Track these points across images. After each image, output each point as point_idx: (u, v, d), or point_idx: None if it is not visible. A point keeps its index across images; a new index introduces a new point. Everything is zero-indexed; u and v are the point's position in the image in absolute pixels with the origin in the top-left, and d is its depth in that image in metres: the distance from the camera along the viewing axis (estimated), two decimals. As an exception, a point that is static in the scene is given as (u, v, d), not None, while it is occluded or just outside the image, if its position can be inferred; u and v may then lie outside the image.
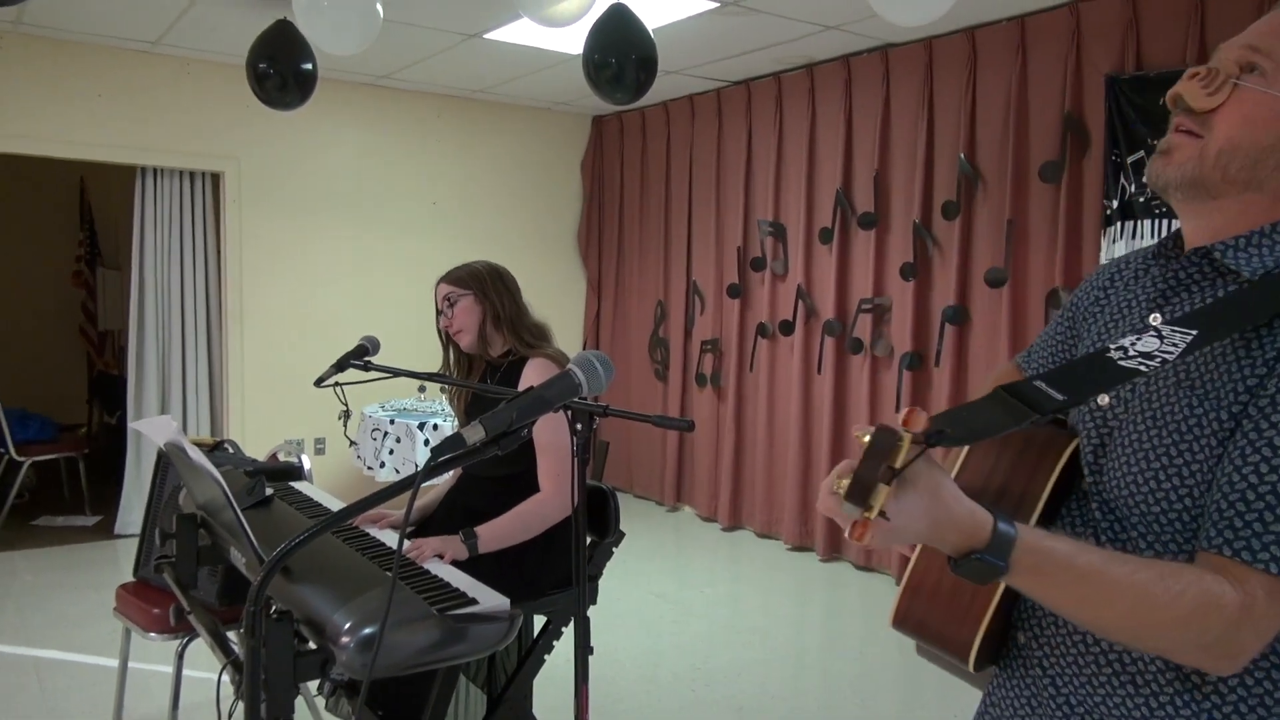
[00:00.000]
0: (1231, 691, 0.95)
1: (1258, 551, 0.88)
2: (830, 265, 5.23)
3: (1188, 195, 1.01)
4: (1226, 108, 0.97)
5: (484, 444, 1.17)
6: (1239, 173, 0.97)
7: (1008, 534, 0.87)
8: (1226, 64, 0.98)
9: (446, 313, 2.50)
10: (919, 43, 4.73)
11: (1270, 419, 0.90)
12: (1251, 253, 0.98)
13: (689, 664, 3.86)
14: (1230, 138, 0.96)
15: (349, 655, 1.56)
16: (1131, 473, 1.00)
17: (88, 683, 3.55)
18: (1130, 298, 1.13)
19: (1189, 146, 0.99)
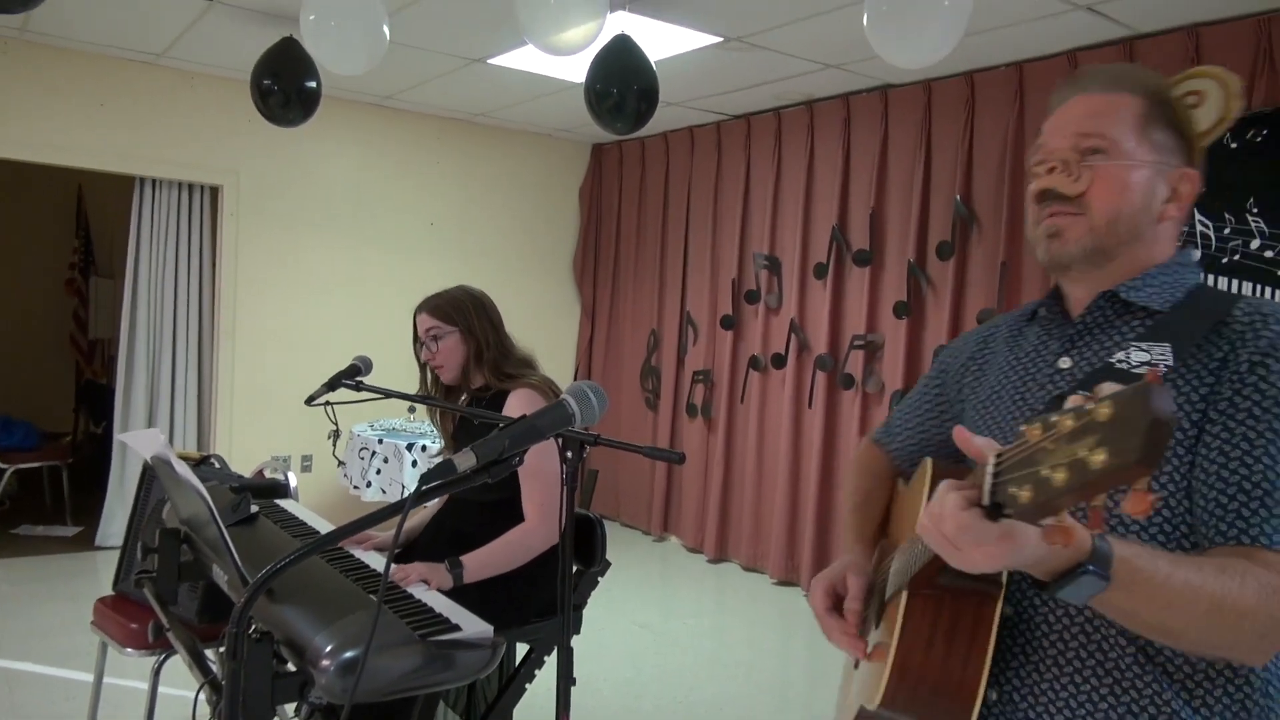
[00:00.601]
0: (1217, 701, 1.04)
1: (1272, 534, 0.97)
2: (824, 300, 5.25)
3: (1091, 263, 1.15)
4: (1095, 187, 1.13)
5: (475, 471, 1.16)
6: (1126, 233, 1.14)
7: (1106, 547, 0.88)
8: (1068, 154, 1.15)
9: (430, 346, 2.47)
10: (918, 84, 4.78)
11: (1235, 417, 1.01)
12: (1153, 289, 1.14)
13: (672, 697, 3.83)
14: (1111, 208, 1.13)
15: (329, 679, 1.54)
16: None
17: (60, 697, 3.50)
18: (1018, 355, 1.25)
19: (1077, 225, 1.14)
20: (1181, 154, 1.15)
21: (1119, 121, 1.13)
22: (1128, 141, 1.12)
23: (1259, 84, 3.53)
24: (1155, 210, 1.14)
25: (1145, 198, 1.13)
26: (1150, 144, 1.13)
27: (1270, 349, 1.03)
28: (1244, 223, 3.52)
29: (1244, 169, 3.51)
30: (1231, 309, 1.08)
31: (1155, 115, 1.14)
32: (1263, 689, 1.03)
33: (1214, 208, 3.59)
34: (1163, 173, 1.14)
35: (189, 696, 3.32)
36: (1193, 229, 3.64)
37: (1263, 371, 1.02)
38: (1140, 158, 1.12)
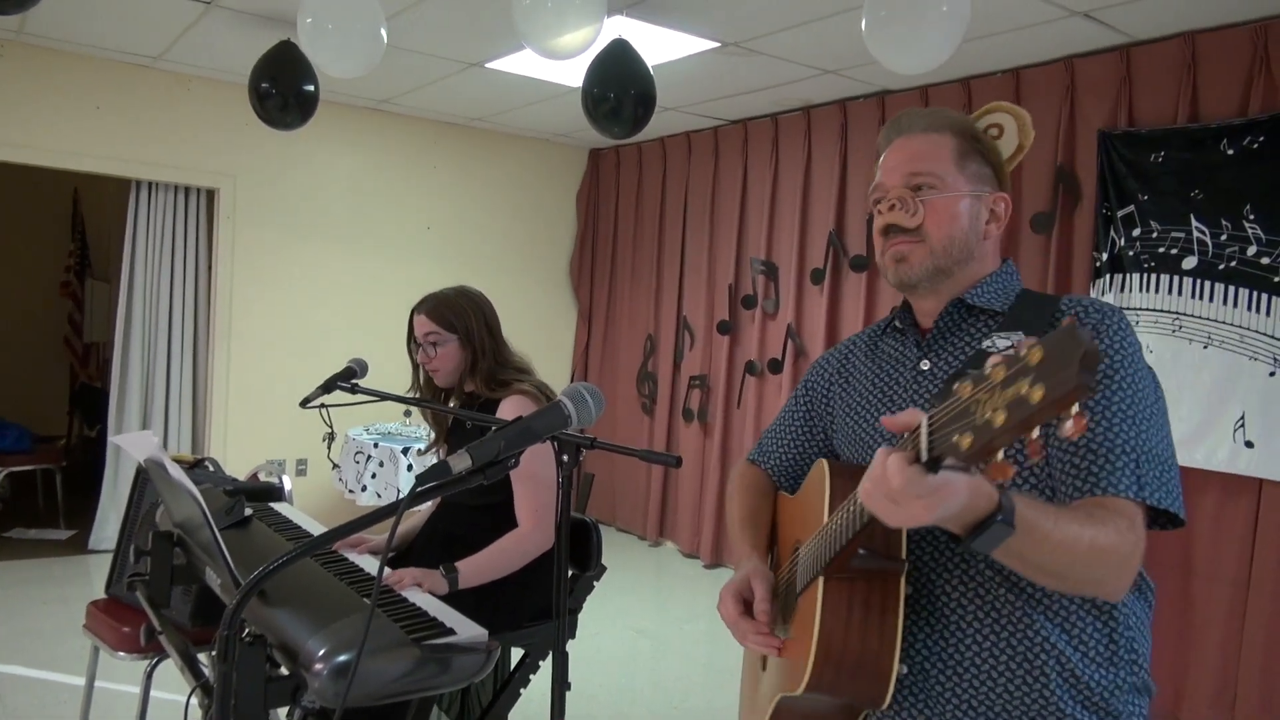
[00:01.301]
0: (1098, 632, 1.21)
1: (1117, 484, 1.13)
2: (821, 306, 5.24)
3: (933, 282, 1.33)
4: (929, 218, 1.31)
5: (470, 473, 1.15)
6: (960, 253, 1.32)
7: (1009, 498, 0.99)
8: (902, 192, 1.32)
9: (428, 350, 2.45)
10: (915, 90, 4.78)
11: None
12: (993, 293, 1.34)
13: (666, 703, 3.81)
14: (945, 234, 1.31)
15: (322, 682, 1.53)
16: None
17: (52, 701, 3.48)
18: (879, 365, 1.43)
19: (918, 250, 1.32)
20: (993, 180, 1.35)
21: (941, 159, 1.32)
22: (950, 175, 1.32)
23: (1255, 91, 3.53)
24: (980, 230, 1.33)
25: (971, 221, 1.32)
26: (967, 175, 1.32)
27: (1096, 332, 1.19)
28: (1240, 229, 3.52)
29: (1240, 176, 3.52)
30: (1058, 305, 1.26)
31: (968, 150, 1.33)
32: (1124, 621, 1.22)
33: (1211, 214, 3.59)
34: (981, 198, 1.33)
35: (181, 701, 3.31)
36: (1189, 235, 3.65)
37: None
38: (962, 188, 1.32)
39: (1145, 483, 1.13)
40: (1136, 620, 1.24)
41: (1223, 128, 3.57)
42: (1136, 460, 1.14)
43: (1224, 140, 3.57)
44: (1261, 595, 3.51)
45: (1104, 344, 1.19)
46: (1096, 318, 1.22)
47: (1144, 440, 1.15)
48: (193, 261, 5.59)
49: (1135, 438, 1.15)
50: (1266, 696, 3.49)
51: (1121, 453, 1.14)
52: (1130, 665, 1.22)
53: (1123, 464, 1.13)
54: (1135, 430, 1.15)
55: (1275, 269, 3.45)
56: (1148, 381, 1.20)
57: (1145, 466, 1.14)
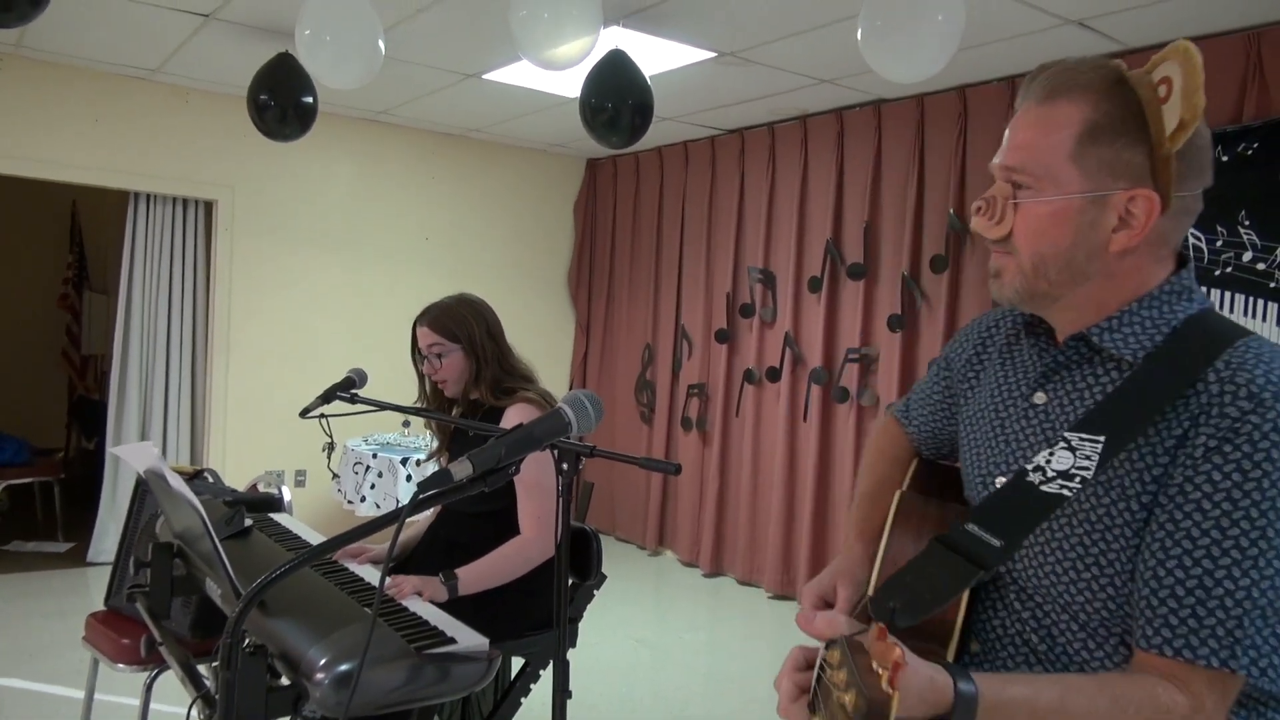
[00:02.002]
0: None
1: (1197, 648, 0.89)
2: (819, 314, 5.26)
3: (1032, 304, 1.06)
4: (1018, 227, 1.02)
5: (471, 480, 1.16)
6: (1059, 275, 1.01)
7: (969, 693, 0.84)
8: (1001, 187, 1.04)
9: (433, 362, 2.44)
10: (911, 99, 4.81)
11: (1183, 509, 0.91)
12: (1126, 333, 1.01)
13: (667, 712, 3.80)
14: (1034, 251, 1.01)
15: (324, 692, 1.53)
16: (1048, 563, 1.02)
17: (51, 713, 3.47)
18: (1007, 373, 1.16)
19: (1010, 266, 1.04)
20: (1134, 170, 0.97)
21: (1051, 145, 0.99)
22: (1058, 169, 0.99)
23: (1249, 97, 3.56)
24: (1097, 242, 0.99)
25: (1080, 232, 0.99)
26: (1087, 166, 0.98)
27: (1232, 432, 0.90)
28: (1236, 235, 3.54)
29: (1235, 182, 3.54)
30: (1208, 369, 0.94)
31: (1103, 125, 0.97)
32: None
33: (1206, 220, 3.61)
34: (1103, 199, 0.98)
35: (181, 713, 3.30)
36: (1185, 242, 3.66)
37: (1218, 459, 0.90)
38: (1071, 188, 0.98)
39: (1245, 649, 0.89)
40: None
41: (1217, 135, 3.59)
42: (1241, 618, 0.88)
43: (1219, 147, 3.59)
44: None
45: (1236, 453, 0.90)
46: (1240, 408, 0.90)
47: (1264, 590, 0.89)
48: (191, 273, 5.59)
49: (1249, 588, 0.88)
50: None
51: (1219, 606, 0.89)
52: None
53: (1216, 621, 0.89)
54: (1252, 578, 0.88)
55: (1270, 274, 3.46)
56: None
57: (1254, 626, 0.89)
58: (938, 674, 0.84)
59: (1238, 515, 0.89)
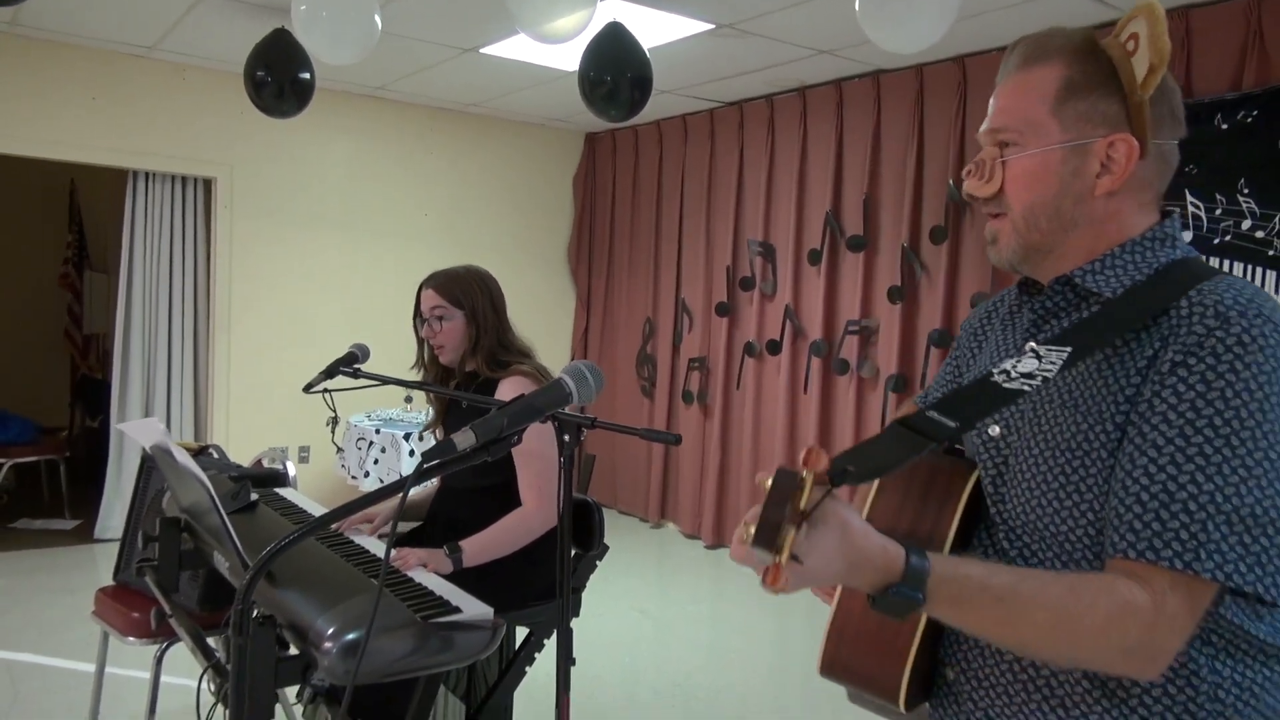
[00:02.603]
0: (1156, 702, 0.98)
1: (1160, 550, 0.91)
2: (818, 286, 5.26)
3: (1029, 262, 1.11)
4: (1007, 183, 1.08)
5: (474, 450, 1.18)
6: (1049, 223, 1.07)
7: (921, 566, 0.88)
8: (988, 151, 1.10)
9: (433, 325, 2.46)
10: (910, 69, 4.79)
11: (1150, 421, 0.95)
12: (1109, 274, 1.06)
13: (670, 681, 3.86)
14: (1024, 202, 1.07)
15: (331, 660, 1.56)
16: (1032, 497, 1.05)
17: (63, 687, 3.52)
18: (1006, 335, 1.20)
19: (1004, 226, 1.10)
20: (1111, 118, 1.03)
21: (1032, 104, 1.06)
22: (1040, 125, 1.05)
23: (1249, 65, 3.55)
24: (1081, 189, 1.05)
25: (1064, 180, 1.05)
26: (1066, 119, 1.04)
27: (1197, 347, 0.93)
28: (1235, 203, 3.54)
29: (1234, 150, 3.53)
30: (1182, 295, 0.98)
31: (1078, 82, 1.04)
32: (1209, 695, 0.96)
33: (1205, 189, 3.61)
34: (1084, 147, 1.04)
35: (189, 685, 3.34)
36: (1184, 210, 3.67)
37: (1183, 372, 0.94)
38: (1053, 139, 1.05)
39: (1208, 552, 0.89)
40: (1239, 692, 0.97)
41: (1216, 102, 3.59)
42: (1202, 522, 0.90)
43: (1218, 115, 3.58)
44: None
45: (1199, 365, 0.93)
46: (1206, 326, 0.94)
47: (1225, 496, 0.90)
48: (191, 251, 5.60)
49: (1211, 492, 0.90)
50: None
51: (1182, 511, 0.90)
52: None
53: (1177, 525, 0.90)
54: (1214, 483, 0.90)
55: (1269, 243, 3.47)
56: (1269, 417, 0.91)
57: (1215, 530, 0.89)
58: (890, 544, 0.88)
59: (1201, 424, 0.91)
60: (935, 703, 1.16)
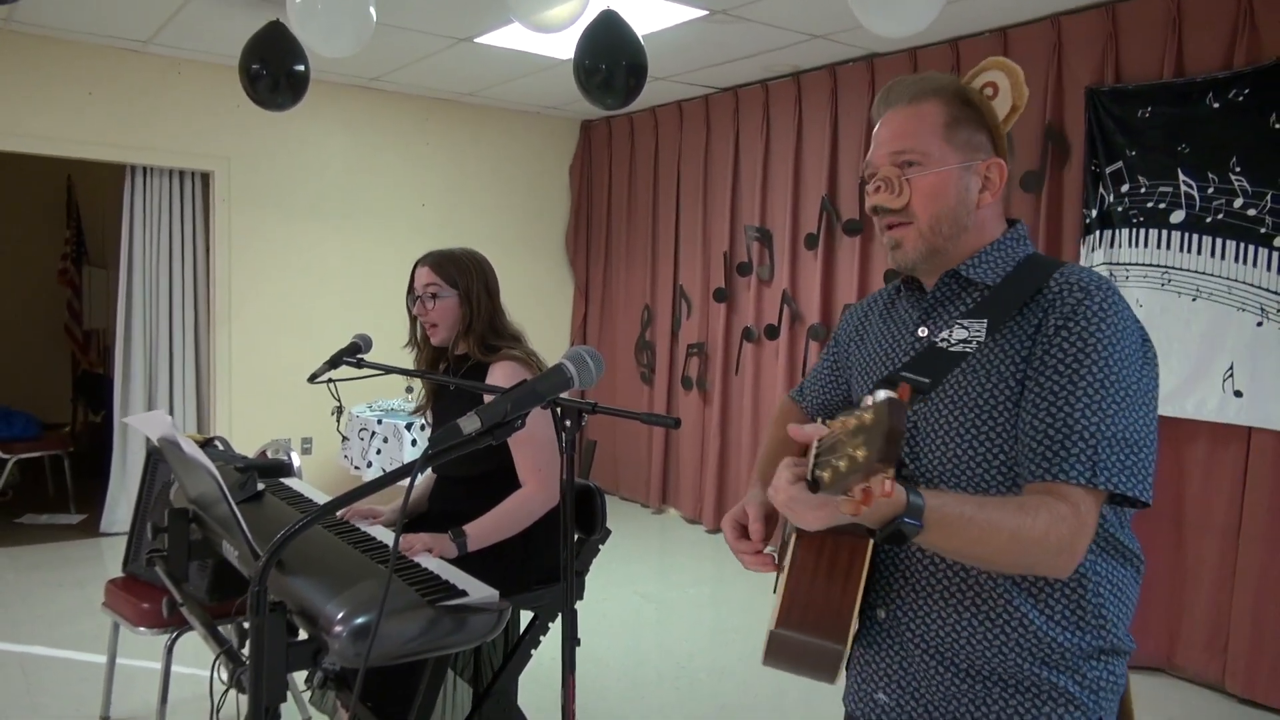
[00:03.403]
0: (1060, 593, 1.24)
1: (1068, 470, 1.15)
2: (815, 271, 5.29)
3: (930, 262, 1.33)
4: (915, 197, 1.30)
5: (480, 434, 1.21)
6: (949, 229, 1.31)
7: (918, 500, 1.05)
8: (889, 170, 1.31)
9: (426, 303, 2.46)
10: (904, 53, 4.80)
11: (1044, 373, 1.19)
12: (986, 268, 1.31)
13: (673, 663, 3.90)
14: (931, 213, 1.30)
15: (342, 644, 1.60)
16: (948, 447, 1.27)
17: (74, 678, 3.56)
18: (889, 324, 1.44)
19: (909, 233, 1.31)
20: (986, 146, 1.31)
21: (926, 131, 1.29)
22: (936, 149, 1.28)
23: (1239, 44, 3.56)
24: (971, 202, 1.30)
25: (960, 195, 1.29)
26: (956, 145, 1.29)
27: (1072, 314, 1.19)
28: (1227, 182, 3.56)
29: (1226, 129, 3.55)
30: (1049, 279, 1.24)
31: (959, 116, 1.29)
32: (1095, 589, 1.24)
33: (1197, 167, 3.63)
34: (971, 168, 1.29)
35: (199, 674, 3.39)
36: (1177, 190, 3.69)
37: (1065, 334, 1.19)
38: (949, 161, 1.28)
39: (1102, 468, 1.15)
40: (1111, 586, 1.26)
41: (1208, 81, 3.60)
42: (1095, 446, 1.15)
43: (1210, 94, 3.60)
44: (1251, 541, 3.59)
45: (1076, 327, 1.19)
46: (1075, 298, 1.21)
47: (1108, 425, 1.16)
48: (190, 245, 5.62)
49: (1098, 423, 1.15)
50: (1257, 641, 3.58)
51: (1079, 439, 1.15)
52: (1097, 629, 1.24)
53: (1078, 450, 1.15)
54: (1099, 415, 1.16)
55: (1261, 220, 3.49)
56: (1128, 363, 1.18)
57: (1105, 451, 1.15)
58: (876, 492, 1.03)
59: (1083, 371, 1.17)
60: (866, 642, 1.35)
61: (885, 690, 1.34)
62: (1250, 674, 3.60)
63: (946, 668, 1.28)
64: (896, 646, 1.32)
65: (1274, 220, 3.46)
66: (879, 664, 1.35)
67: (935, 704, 1.29)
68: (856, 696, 1.40)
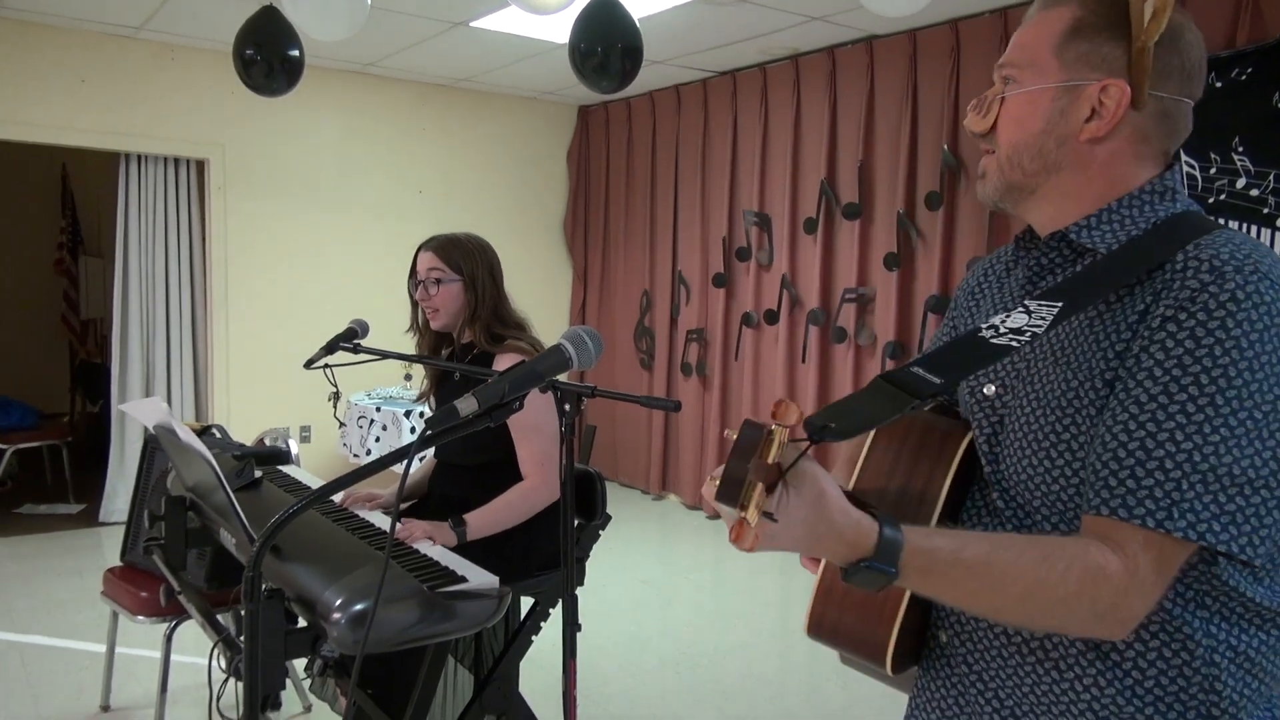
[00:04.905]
0: (1150, 665, 0.96)
1: (1133, 508, 0.89)
2: (815, 255, 5.26)
3: (1012, 200, 1.09)
4: (1001, 120, 1.07)
5: (477, 415, 1.19)
6: (1031, 163, 1.05)
7: (895, 539, 0.86)
8: (995, 88, 1.08)
9: (429, 288, 2.42)
10: (903, 34, 4.76)
11: (1135, 376, 0.93)
12: (1105, 230, 1.02)
13: (674, 648, 3.90)
14: (1009, 140, 1.06)
15: (341, 631, 1.58)
16: (1026, 456, 1.03)
17: (74, 667, 3.56)
18: (1003, 293, 1.18)
19: (991, 163, 1.09)
20: (1112, 63, 1.00)
21: (1038, 43, 1.04)
22: (1041, 63, 1.03)
23: (1242, 22, 3.53)
24: (1066, 131, 1.03)
25: (1048, 121, 1.03)
26: (1068, 59, 1.02)
27: (1188, 301, 0.91)
28: (1229, 162, 3.54)
29: (1228, 108, 3.53)
30: (1179, 250, 0.95)
31: (1087, 23, 1.01)
32: (1206, 657, 0.95)
33: (1199, 147, 3.61)
34: (1076, 89, 1.01)
35: (199, 663, 3.39)
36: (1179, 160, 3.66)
37: (1172, 328, 0.91)
38: (1049, 78, 1.03)
39: (1183, 511, 0.88)
40: (1234, 656, 0.95)
41: (1211, 60, 3.57)
42: (1180, 480, 0.88)
43: (1212, 73, 3.57)
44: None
45: (1190, 320, 0.90)
46: (1200, 280, 0.91)
47: (1210, 454, 0.87)
48: (186, 233, 5.59)
49: (1194, 449, 0.88)
50: None
51: (1158, 467, 0.89)
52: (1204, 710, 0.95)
53: (1154, 482, 0.89)
54: (1199, 439, 0.88)
55: (1264, 200, 3.47)
56: (1263, 375, 0.88)
57: (1193, 489, 0.88)
58: (864, 518, 0.86)
59: (1186, 380, 0.89)
60: (926, 665, 1.16)
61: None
62: None
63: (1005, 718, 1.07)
64: (955, 679, 1.12)
65: (1277, 200, 3.44)
66: (935, 694, 1.15)
67: None
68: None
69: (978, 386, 1.12)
